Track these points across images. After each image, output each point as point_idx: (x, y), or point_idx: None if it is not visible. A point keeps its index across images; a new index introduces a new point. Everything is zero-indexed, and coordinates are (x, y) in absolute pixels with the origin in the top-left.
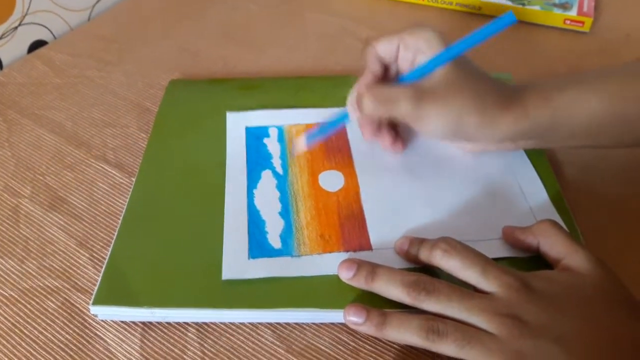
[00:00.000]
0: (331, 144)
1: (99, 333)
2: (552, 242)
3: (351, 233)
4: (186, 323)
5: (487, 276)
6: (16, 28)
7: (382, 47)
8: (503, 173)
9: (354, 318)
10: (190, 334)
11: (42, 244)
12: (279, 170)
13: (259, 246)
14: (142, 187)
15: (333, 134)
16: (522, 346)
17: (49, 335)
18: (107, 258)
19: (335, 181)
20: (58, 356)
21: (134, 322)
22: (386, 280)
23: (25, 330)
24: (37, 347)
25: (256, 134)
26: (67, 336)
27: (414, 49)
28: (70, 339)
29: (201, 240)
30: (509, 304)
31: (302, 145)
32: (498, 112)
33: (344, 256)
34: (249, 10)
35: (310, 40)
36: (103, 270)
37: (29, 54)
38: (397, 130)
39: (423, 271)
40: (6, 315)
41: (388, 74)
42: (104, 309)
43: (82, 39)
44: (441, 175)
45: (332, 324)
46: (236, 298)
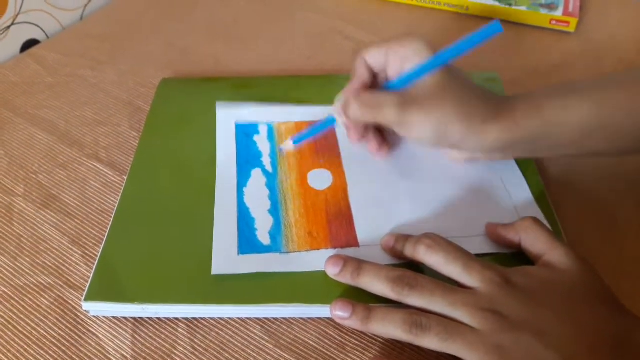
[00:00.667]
0: (320, 143)
1: (91, 329)
2: (533, 239)
3: (339, 230)
4: (176, 318)
5: (470, 271)
6: (9, 27)
7: (371, 55)
8: (488, 171)
9: (340, 312)
10: (180, 329)
11: (35, 241)
12: (269, 168)
13: (248, 242)
14: (133, 185)
15: (321, 136)
16: (502, 340)
17: (42, 332)
18: (99, 255)
19: (323, 180)
20: (51, 352)
21: (125, 317)
22: (371, 276)
23: (18, 327)
24: (31, 342)
25: (246, 131)
26: (60, 332)
27: (403, 58)
28: (63, 335)
29: (191, 238)
30: (490, 298)
31: (289, 147)
32: (486, 121)
33: (331, 253)
34: (239, 8)
35: (300, 38)
36: (95, 267)
37: (21, 53)
38: (384, 134)
39: (408, 267)
40: (0, 312)
41: (376, 82)
42: (96, 305)
43: (75, 38)
44: (427, 174)
45: (319, 318)
46: (226, 294)
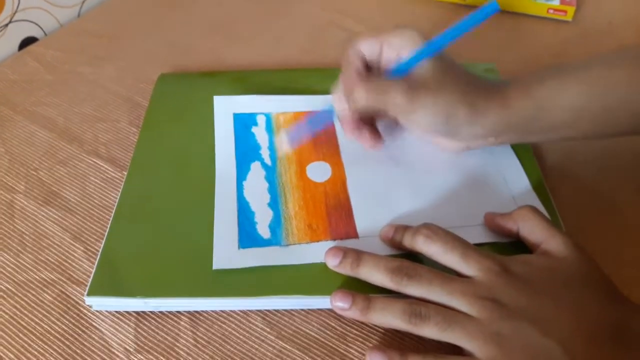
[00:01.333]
0: (319, 136)
1: (94, 323)
2: (531, 227)
3: (338, 222)
4: (179, 312)
5: (468, 260)
6: (7, 25)
7: (364, 45)
8: (486, 160)
9: (340, 303)
10: (182, 323)
11: (37, 237)
12: (268, 161)
13: (248, 236)
14: (133, 180)
15: (318, 132)
16: (501, 328)
17: (46, 327)
18: (101, 250)
19: (322, 172)
20: (55, 346)
21: (127, 312)
22: (370, 266)
23: (22, 322)
24: (35, 337)
25: (244, 122)
26: (63, 327)
27: (398, 48)
28: (66, 330)
29: (192, 232)
30: (488, 287)
31: (286, 146)
32: (484, 104)
33: (331, 245)
34: (237, 3)
35: (298, 32)
36: (97, 262)
37: (20, 51)
38: (376, 128)
39: (408, 258)
40: (3, 308)
41: (369, 73)
42: (98, 299)
43: (72, 34)
44: (426, 165)
45: (320, 309)
46: (227, 287)
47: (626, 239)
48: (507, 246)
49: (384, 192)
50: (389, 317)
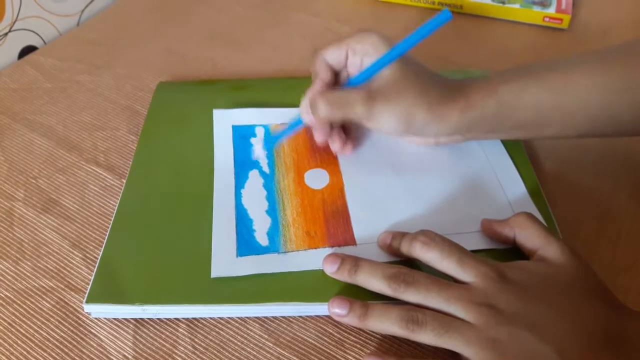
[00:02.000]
0: (316, 144)
1: (92, 330)
2: (527, 234)
3: (336, 229)
4: (177, 319)
5: (464, 267)
6: (6, 34)
7: (330, 54)
8: (482, 167)
9: (337, 310)
10: (181, 330)
11: (36, 245)
12: (266, 169)
13: (246, 244)
14: (132, 188)
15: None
16: (497, 334)
17: (45, 334)
18: (99, 258)
19: (320, 179)
20: (54, 354)
21: (126, 319)
22: (368, 273)
23: (21, 330)
24: (34, 345)
25: (243, 134)
26: (62, 334)
27: (362, 54)
28: (65, 337)
29: (190, 239)
30: (485, 293)
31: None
32: (444, 106)
33: (328, 251)
34: (234, 11)
35: (295, 40)
36: (95, 270)
37: (19, 60)
38: (347, 133)
39: (405, 264)
40: (2, 316)
41: (338, 80)
42: (97, 307)
43: (72, 43)
44: (423, 171)
45: (318, 316)
46: (225, 294)
47: (621, 245)
48: (504, 252)
49: (382, 199)
50: (386, 324)
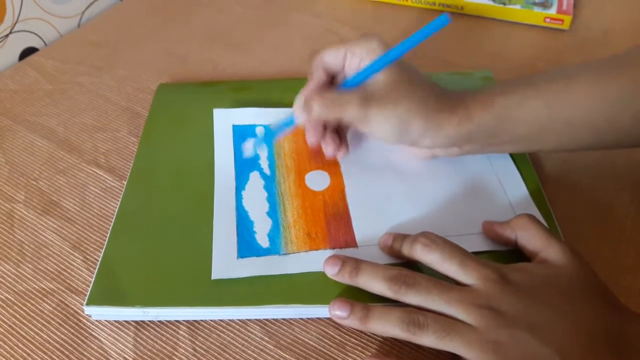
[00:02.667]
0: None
1: (93, 333)
2: (529, 236)
3: (337, 231)
4: (177, 321)
5: (466, 269)
6: (7, 36)
7: (329, 55)
8: (483, 169)
9: (338, 312)
10: (181, 332)
11: (36, 247)
12: (267, 171)
13: (247, 246)
14: (132, 190)
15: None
16: (499, 336)
17: (45, 336)
18: (100, 260)
19: (321, 181)
20: (54, 356)
21: (127, 321)
22: (369, 275)
23: (21, 332)
24: (34, 347)
25: (243, 134)
26: (63, 336)
27: (360, 57)
28: (65, 339)
29: (191, 241)
30: (486, 295)
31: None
32: (442, 115)
33: (329, 253)
34: (234, 13)
35: (296, 41)
36: (96, 272)
37: (20, 61)
38: (341, 135)
39: (406, 266)
40: (3, 318)
41: (334, 82)
42: (97, 309)
43: (72, 45)
44: (424, 173)
45: (319, 318)
46: (226, 296)
47: (623, 246)
48: (506, 254)
49: (383, 200)
50: (387, 326)
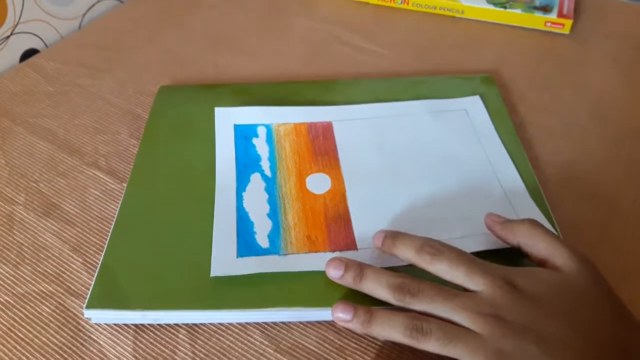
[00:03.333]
0: (319, 147)
1: (92, 336)
2: (533, 243)
3: (337, 234)
4: (177, 324)
5: (472, 276)
6: (8, 37)
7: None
8: (484, 171)
9: (341, 314)
10: (181, 335)
11: (36, 249)
12: (268, 173)
13: (247, 245)
14: (133, 192)
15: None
16: (503, 346)
17: (44, 339)
18: (100, 262)
19: (322, 184)
20: (53, 359)
21: (126, 324)
22: (373, 282)
23: (20, 334)
24: (33, 350)
25: (245, 133)
26: (62, 339)
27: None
28: (64, 342)
29: (191, 244)
30: (492, 303)
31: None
32: None
33: (329, 256)
34: (236, 16)
35: (297, 45)
36: (96, 275)
37: (21, 63)
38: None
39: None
40: (2, 320)
41: None
42: (97, 312)
43: (73, 47)
44: (424, 176)
45: (319, 322)
46: (226, 299)
47: (625, 249)
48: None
49: (383, 203)
50: (390, 332)
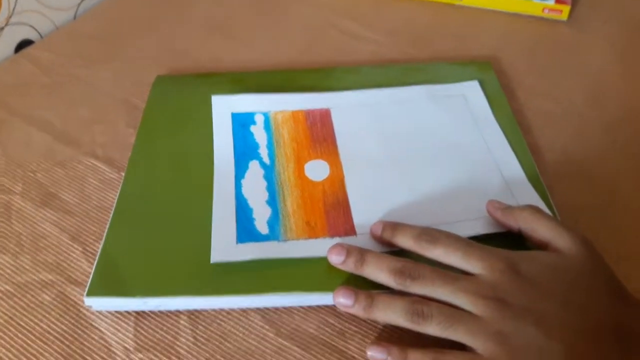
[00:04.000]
0: (316, 134)
1: (93, 323)
2: (534, 228)
3: (336, 220)
4: (178, 311)
5: (469, 259)
6: (2, 28)
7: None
8: (483, 156)
9: (343, 300)
10: (182, 321)
11: (35, 239)
12: (266, 160)
13: (246, 232)
14: (131, 181)
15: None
16: (504, 327)
17: (45, 327)
18: (99, 251)
19: (320, 170)
20: (55, 346)
21: (127, 311)
22: (374, 266)
23: (21, 323)
24: (34, 338)
25: (242, 121)
26: (63, 327)
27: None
28: (66, 330)
29: (190, 231)
30: (492, 285)
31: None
32: None
33: (329, 241)
34: (232, 4)
35: (294, 33)
36: (96, 263)
37: (16, 54)
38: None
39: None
40: (2, 309)
41: None
42: (97, 300)
43: (68, 37)
44: (423, 162)
45: (319, 307)
46: (226, 284)
47: (622, 234)
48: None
49: (382, 190)
50: (391, 315)
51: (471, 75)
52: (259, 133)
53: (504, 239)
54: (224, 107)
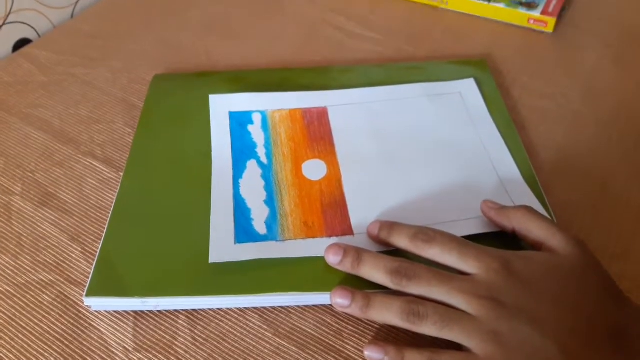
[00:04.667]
0: (314, 133)
1: (93, 323)
2: (528, 228)
3: (334, 219)
4: (176, 310)
5: (465, 259)
6: (0, 27)
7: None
8: (479, 157)
9: (340, 300)
10: (180, 321)
11: (35, 239)
12: (264, 159)
13: (244, 232)
14: (130, 180)
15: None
16: (499, 327)
17: (45, 327)
18: (99, 251)
19: (318, 170)
20: (54, 346)
21: (126, 311)
22: (370, 266)
23: (21, 323)
24: (34, 338)
25: (240, 120)
26: (63, 327)
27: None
28: (65, 330)
29: (189, 231)
30: (488, 285)
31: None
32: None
33: (327, 241)
34: (229, 2)
35: (292, 31)
36: (95, 263)
37: (14, 53)
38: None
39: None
40: (2, 310)
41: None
42: (97, 300)
43: (66, 36)
44: (420, 161)
45: (317, 306)
46: (224, 284)
47: (615, 233)
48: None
49: (379, 189)
50: (387, 316)
51: (467, 73)
52: (256, 132)
53: (498, 239)
54: (222, 106)
